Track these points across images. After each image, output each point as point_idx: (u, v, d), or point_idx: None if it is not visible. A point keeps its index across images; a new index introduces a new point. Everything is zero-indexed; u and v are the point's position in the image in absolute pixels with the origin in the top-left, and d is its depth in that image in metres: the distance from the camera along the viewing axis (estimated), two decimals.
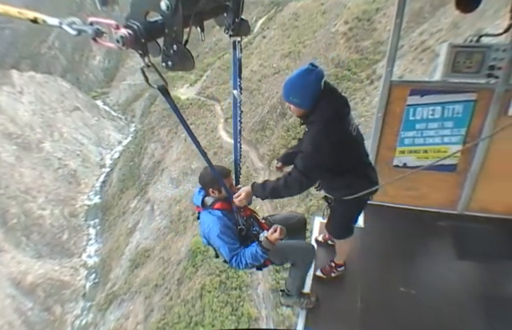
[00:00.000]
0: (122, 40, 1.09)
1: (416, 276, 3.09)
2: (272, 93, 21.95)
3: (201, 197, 2.45)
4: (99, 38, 1.09)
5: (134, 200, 28.35)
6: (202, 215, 2.45)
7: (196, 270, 17.72)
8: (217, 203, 2.39)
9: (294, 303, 2.85)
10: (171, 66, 1.29)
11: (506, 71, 3.01)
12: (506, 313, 2.70)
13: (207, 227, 2.35)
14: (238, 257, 2.29)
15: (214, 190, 2.37)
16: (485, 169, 3.39)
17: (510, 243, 3.36)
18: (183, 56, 1.30)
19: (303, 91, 2.17)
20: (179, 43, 1.26)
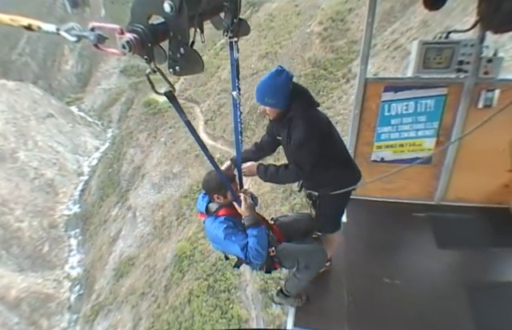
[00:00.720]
0: (129, 45, 1.01)
1: (399, 267, 3.14)
2: (251, 94, 21.65)
3: (205, 203, 2.36)
4: (101, 44, 1.01)
5: (115, 208, 27.28)
6: (207, 223, 2.37)
7: (183, 275, 17.28)
8: (221, 209, 2.31)
9: (288, 302, 2.83)
10: (179, 70, 1.21)
11: (474, 66, 3.09)
12: (486, 298, 2.77)
13: (213, 234, 2.29)
14: (248, 250, 2.19)
15: (219, 195, 2.29)
16: (458, 160, 3.50)
17: (485, 231, 3.46)
18: (191, 59, 1.23)
19: (277, 92, 2.25)
20: (186, 46, 1.19)
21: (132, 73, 40.04)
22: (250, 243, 2.16)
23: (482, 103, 3.25)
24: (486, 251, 3.26)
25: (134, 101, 34.64)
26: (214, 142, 21.95)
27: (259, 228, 2.21)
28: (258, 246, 2.15)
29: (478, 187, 3.61)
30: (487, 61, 3.12)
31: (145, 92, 33.93)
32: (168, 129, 26.67)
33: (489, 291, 2.82)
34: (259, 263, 2.31)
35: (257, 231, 2.19)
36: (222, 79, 24.82)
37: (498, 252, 3.26)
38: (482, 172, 3.35)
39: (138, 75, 38.91)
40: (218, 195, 2.29)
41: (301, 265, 2.46)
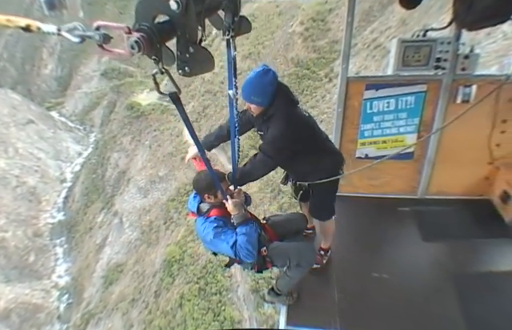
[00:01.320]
0: (138, 45, 0.94)
1: (386, 261, 3.17)
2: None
3: (196, 203, 2.36)
4: (106, 44, 0.95)
5: (101, 214, 26.44)
6: (198, 223, 2.36)
7: (173, 280, 16.89)
8: (212, 209, 2.30)
9: (279, 300, 2.82)
10: (189, 71, 1.14)
11: (451, 63, 3.14)
12: (471, 287, 2.82)
13: (204, 234, 2.29)
14: (237, 248, 2.16)
15: (209, 195, 2.29)
16: (439, 155, 3.54)
17: (468, 222, 3.52)
18: (201, 57, 1.16)
19: (264, 91, 2.28)
20: (195, 44, 1.12)
21: (113, 75, 38.69)
22: (239, 241, 2.14)
23: (460, 99, 3.29)
24: (470, 242, 3.30)
25: (116, 104, 33.51)
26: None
27: (248, 226, 2.19)
28: (248, 244, 2.13)
29: (459, 179, 3.64)
30: (464, 57, 3.17)
31: (127, 95, 32.98)
32: (152, 132, 25.98)
33: (474, 281, 2.87)
34: (250, 262, 2.33)
35: (245, 229, 2.17)
36: (206, 80, 24.30)
37: (481, 243, 3.31)
38: (463, 165, 3.38)
39: (119, 78, 37.68)
40: (208, 194, 2.28)
41: (292, 263, 2.45)
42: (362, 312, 2.73)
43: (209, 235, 2.24)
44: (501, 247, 3.27)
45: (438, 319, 2.64)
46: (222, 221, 2.27)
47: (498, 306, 2.67)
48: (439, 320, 2.64)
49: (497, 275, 2.94)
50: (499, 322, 2.55)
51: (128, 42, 0.94)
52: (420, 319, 2.63)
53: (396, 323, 2.64)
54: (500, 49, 12.10)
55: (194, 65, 1.13)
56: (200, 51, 1.14)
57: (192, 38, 1.11)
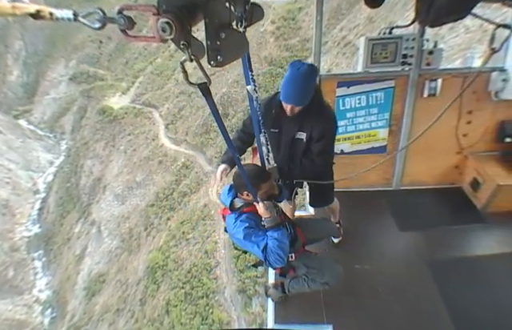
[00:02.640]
0: (170, 27, 0.79)
1: (367, 253, 3.16)
2: None
3: (230, 198, 2.17)
4: (130, 30, 0.81)
5: (78, 224, 24.47)
6: (229, 219, 2.17)
7: (158, 286, 15.91)
8: (246, 206, 2.12)
9: (275, 296, 2.74)
10: (222, 60, 0.96)
11: (417, 58, 3.16)
12: (448, 272, 2.86)
13: (232, 231, 2.12)
14: (267, 252, 2.01)
15: (248, 193, 2.07)
16: (410, 147, 3.54)
17: (442, 210, 3.58)
18: (235, 41, 1.00)
19: (310, 90, 2.20)
20: (227, 28, 0.95)
21: (82, 80, 35.74)
22: (270, 245, 1.99)
23: (427, 92, 3.33)
24: (445, 230, 3.33)
25: (86, 109, 31.09)
26: (177, 147, 20.34)
27: (280, 231, 2.02)
28: (279, 249, 1.98)
29: (430, 170, 3.63)
30: (428, 53, 3.20)
31: (98, 99, 30.64)
32: (126, 136, 24.25)
33: (451, 266, 2.91)
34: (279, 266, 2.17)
35: (277, 234, 2.00)
36: (180, 81, 23.00)
37: (455, 229, 3.34)
38: (433, 156, 3.36)
39: (88, 82, 34.93)
40: (248, 192, 2.06)
41: (320, 279, 2.38)
42: (347, 304, 2.72)
43: (239, 235, 2.05)
44: (474, 233, 3.32)
45: (420, 305, 2.65)
46: (253, 221, 2.08)
47: (475, 288, 2.71)
48: (420, 305, 2.65)
49: (472, 259, 2.98)
50: (477, 302, 2.59)
51: (158, 25, 0.79)
52: (402, 306, 2.64)
53: (380, 311, 2.63)
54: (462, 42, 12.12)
55: (226, 52, 0.96)
56: (232, 35, 0.98)
57: (223, 22, 0.94)
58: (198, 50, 0.94)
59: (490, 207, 3.45)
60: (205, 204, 16.76)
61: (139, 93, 27.03)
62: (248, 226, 2.04)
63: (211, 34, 0.93)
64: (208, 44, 0.95)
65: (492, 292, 2.67)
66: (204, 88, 1.09)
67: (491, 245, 3.18)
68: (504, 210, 3.38)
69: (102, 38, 37.48)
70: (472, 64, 3.68)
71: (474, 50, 11.53)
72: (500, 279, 2.79)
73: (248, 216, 2.08)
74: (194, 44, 0.92)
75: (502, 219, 3.35)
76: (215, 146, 18.37)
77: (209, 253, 14.99)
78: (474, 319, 2.51)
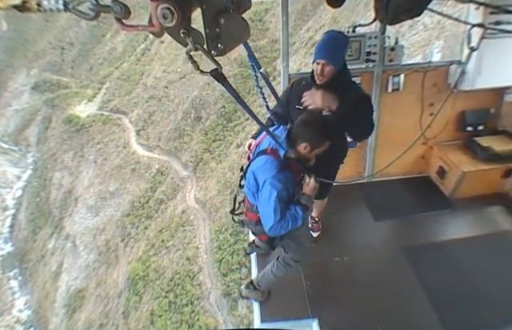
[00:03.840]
0: (171, 13, 0.71)
1: (345, 245, 3.14)
2: (182, 98, 19.17)
3: (284, 143, 1.80)
4: (126, 18, 0.73)
5: (51, 240, 22.34)
6: (267, 161, 1.80)
7: (140, 298, 14.90)
8: (293, 163, 1.84)
9: (255, 295, 2.66)
10: (223, 47, 0.87)
11: (379, 55, 3.20)
12: (423, 256, 2.88)
13: (259, 182, 1.81)
14: (280, 223, 1.79)
15: (309, 146, 1.79)
16: (379, 140, 3.61)
17: (412, 199, 3.63)
18: (235, 26, 0.91)
19: (343, 50, 2.15)
20: (226, 13, 0.86)
21: (45, 88, 32.32)
22: (287, 217, 1.79)
23: (391, 87, 3.35)
24: (417, 217, 3.37)
25: (51, 119, 28.34)
26: (150, 153, 19.02)
27: (305, 215, 1.85)
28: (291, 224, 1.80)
29: (398, 161, 3.53)
30: (390, 50, 3.23)
31: (63, 108, 27.99)
32: (96, 145, 22.32)
33: (424, 250, 2.95)
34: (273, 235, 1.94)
35: (301, 216, 1.82)
36: (149, 86, 21.48)
37: (426, 216, 3.37)
38: (400, 147, 3.37)
39: (52, 90, 31.77)
40: (309, 144, 1.78)
41: (290, 256, 2.30)
42: (330, 296, 2.69)
43: (265, 194, 1.77)
44: (444, 218, 3.36)
45: (399, 289, 2.66)
46: (287, 192, 1.82)
47: (449, 270, 2.76)
48: (399, 290, 2.66)
49: (444, 243, 3.02)
50: (453, 283, 2.63)
51: (159, 11, 0.71)
52: (383, 292, 2.64)
53: (362, 301, 2.60)
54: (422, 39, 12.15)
55: (227, 38, 0.86)
56: (232, 20, 0.87)
57: (220, 7, 0.85)
58: (197, 39, 0.83)
59: (456, 193, 3.50)
60: (183, 210, 15.87)
61: (106, 99, 24.76)
62: (280, 198, 1.76)
63: (209, 20, 0.83)
64: (207, 32, 0.84)
65: (463, 271, 2.75)
66: (217, 74, 0.98)
67: (460, 228, 3.25)
68: (470, 195, 3.45)
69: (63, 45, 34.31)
70: (432, 59, 3.93)
71: (432, 45, 11.66)
72: (469, 259, 2.85)
73: (288, 178, 1.80)
74: (193, 33, 0.81)
75: (468, 203, 3.42)
76: (190, 151, 17.37)
77: (190, 259, 14.21)
78: (448, 298, 2.55)
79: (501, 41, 3.09)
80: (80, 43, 31.74)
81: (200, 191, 15.92)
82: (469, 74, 3.27)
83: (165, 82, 20.57)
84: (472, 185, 3.44)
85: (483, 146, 3.48)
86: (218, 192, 15.16)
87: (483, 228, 3.19)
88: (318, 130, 1.79)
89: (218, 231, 14.06)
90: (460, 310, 2.48)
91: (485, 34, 2.63)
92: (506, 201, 3.44)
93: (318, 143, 1.80)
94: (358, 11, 13.48)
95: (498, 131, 3.70)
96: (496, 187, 3.52)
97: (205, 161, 16.42)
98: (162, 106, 19.99)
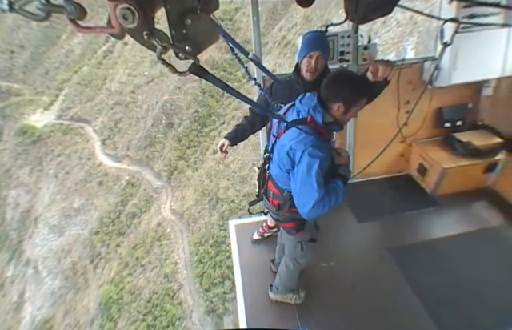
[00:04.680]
0: (132, 13, 0.65)
1: (330, 249, 2.98)
2: (151, 103, 17.62)
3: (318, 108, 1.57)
4: (81, 19, 0.65)
5: (10, 266, 19.49)
6: (301, 131, 1.55)
7: (115, 323, 13.41)
8: (326, 130, 1.61)
9: (287, 298, 2.47)
10: (192, 50, 0.80)
11: (353, 54, 3.10)
12: (409, 255, 2.78)
13: (303, 150, 1.52)
14: (323, 201, 1.56)
15: (340, 106, 1.56)
16: (357, 140, 3.52)
17: (394, 198, 3.53)
18: (203, 28, 0.83)
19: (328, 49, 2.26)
20: (192, 12, 0.79)
21: None
22: (331, 193, 1.59)
23: None
24: (400, 216, 3.27)
25: (3, 131, 24.95)
26: (118, 164, 17.29)
27: (345, 188, 1.65)
28: (334, 199, 1.60)
29: (378, 160, 3.48)
30: (364, 48, 3.12)
31: (15, 118, 24.64)
32: (56, 158, 19.88)
33: (411, 249, 2.86)
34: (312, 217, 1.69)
35: (342, 190, 1.63)
36: (113, 91, 19.53)
37: (410, 215, 3.28)
38: (380, 147, 3.20)
39: (2, 99, 28.00)
40: (344, 104, 1.55)
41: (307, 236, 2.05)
42: (318, 303, 2.55)
43: (305, 164, 1.50)
44: (428, 215, 3.26)
45: (389, 291, 2.57)
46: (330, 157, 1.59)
47: (438, 269, 2.67)
48: (390, 291, 2.56)
49: (432, 242, 2.92)
50: (443, 282, 2.54)
51: (118, 12, 0.64)
52: (374, 295, 2.53)
53: (352, 306, 2.49)
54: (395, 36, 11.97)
55: (195, 40, 0.79)
56: (199, 20, 0.80)
57: (185, 7, 0.78)
58: (163, 41, 0.75)
59: (438, 190, 3.43)
60: (158, 223, 14.57)
61: (66, 107, 21.99)
62: (325, 158, 1.52)
63: (175, 21, 0.77)
64: (173, 34, 0.77)
65: (453, 270, 2.66)
66: (196, 69, 0.85)
67: (446, 226, 3.13)
68: (452, 191, 3.38)
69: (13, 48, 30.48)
70: (405, 56, 3.71)
71: (405, 42, 11.56)
72: (458, 257, 2.77)
73: (327, 147, 1.57)
74: (158, 35, 0.74)
75: (451, 200, 3.34)
76: (163, 159, 15.99)
77: (169, 276, 13.02)
78: (439, 297, 2.47)
79: (476, 34, 3.00)
80: (32, 46, 28.29)
81: (176, 201, 14.73)
82: (444, 70, 3.19)
83: (131, 86, 18.80)
84: (454, 181, 3.36)
85: (463, 142, 3.40)
86: (196, 202, 14.12)
87: (470, 225, 3.08)
88: (352, 86, 1.55)
89: (198, 243, 13.04)
90: (452, 309, 2.40)
91: (458, 28, 2.54)
92: (490, 196, 3.37)
93: (354, 102, 1.56)
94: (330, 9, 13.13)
95: (477, 126, 3.62)
96: (478, 183, 3.45)
97: (180, 169, 15.22)
98: (129, 113, 18.25)
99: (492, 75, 3.30)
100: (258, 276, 2.73)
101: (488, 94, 3.54)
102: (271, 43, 15.25)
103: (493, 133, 3.47)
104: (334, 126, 1.63)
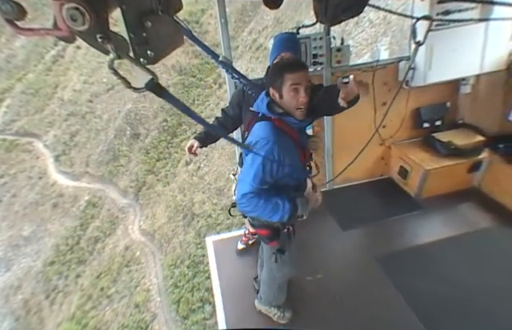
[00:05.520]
0: (82, 15, 0.58)
1: (316, 261, 2.86)
2: (113, 113, 15.84)
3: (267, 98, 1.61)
4: (21, 20, 0.58)
5: None
6: (261, 124, 1.59)
7: None
8: (286, 123, 1.58)
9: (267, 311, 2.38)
10: (154, 55, 0.75)
11: (326, 57, 3.09)
12: (398, 263, 2.70)
13: (253, 141, 1.54)
14: (255, 199, 1.50)
15: (275, 91, 1.57)
16: (335, 146, 3.47)
17: (377, 203, 3.45)
18: (165, 30, 0.77)
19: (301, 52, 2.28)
20: (153, 14, 0.73)
21: None
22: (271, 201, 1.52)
23: None
24: (385, 221, 3.18)
25: None
26: (76, 183, 15.26)
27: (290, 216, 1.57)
28: (267, 213, 1.53)
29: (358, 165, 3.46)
30: (337, 50, 3.11)
31: None
32: None
33: (399, 256, 2.78)
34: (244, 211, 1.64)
35: (284, 214, 1.55)
36: (67, 101, 17.31)
37: (395, 220, 3.18)
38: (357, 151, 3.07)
39: None
40: (274, 87, 1.57)
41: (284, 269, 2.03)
42: (306, 319, 2.42)
43: (251, 157, 1.51)
44: (415, 220, 3.16)
45: (379, 300, 2.47)
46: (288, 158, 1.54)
47: (428, 275, 2.58)
48: (380, 301, 2.46)
49: (420, 248, 2.82)
50: (434, 288, 2.46)
51: (65, 13, 0.57)
52: (363, 305, 2.44)
53: (342, 320, 2.38)
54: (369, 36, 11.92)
55: (157, 44, 0.74)
56: (161, 23, 0.75)
57: (144, 8, 0.72)
58: (119, 45, 0.68)
59: (422, 193, 3.35)
60: (126, 247, 13.02)
61: (9, 120, 18.99)
62: (272, 156, 1.46)
63: (133, 24, 0.71)
64: (131, 38, 0.71)
65: (443, 275, 2.57)
66: (154, 87, 0.79)
67: (433, 230, 3.04)
68: (436, 194, 3.31)
69: None
70: (379, 57, 3.52)
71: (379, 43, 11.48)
72: (448, 261, 2.68)
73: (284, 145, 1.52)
74: (114, 38, 0.68)
75: (436, 203, 3.27)
76: (129, 174, 14.38)
77: (141, 306, 11.62)
78: (431, 304, 2.38)
79: (451, 31, 2.92)
80: None
81: (146, 220, 13.32)
82: (419, 70, 3.15)
83: (87, 95, 16.77)
84: (437, 183, 3.30)
85: (443, 142, 3.33)
86: (169, 219, 12.88)
87: (458, 228, 2.99)
88: (273, 67, 1.66)
89: (173, 265, 11.87)
90: (445, 315, 2.32)
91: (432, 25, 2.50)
92: (476, 196, 3.29)
93: (278, 81, 1.52)
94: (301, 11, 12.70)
95: (457, 125, 3.57)
96: (463, 183, 3.38)
97: (149, 184, 13.80)
98: (87, 125, 16.25)
99: (470, 73, 3.19)
100: (240, 297, 2.58)
101: (466, 91, 3.44)
102: (242, 47, 14.58)
103: (474, 131, 3.38)
104: (289, 117, 1.56)
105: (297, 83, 1.49)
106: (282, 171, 1.54)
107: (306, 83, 1.52)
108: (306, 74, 1.54)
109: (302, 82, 1.50)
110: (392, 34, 10.46)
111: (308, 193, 1.66)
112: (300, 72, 1.52)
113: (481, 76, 3.28)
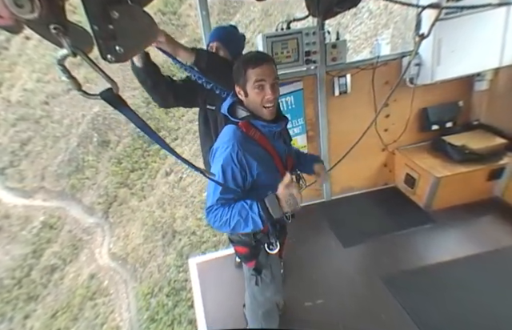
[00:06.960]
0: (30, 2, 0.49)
1: (315, 283, 2.55)
2: (75, 117, 13.47)
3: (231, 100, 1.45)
4: None
5: None
6: (227, 128, 1.42)
7: None
8: (244, 120, 1.38)
9: None
10: (123, 51, 0.63)
11: (320, 54, 2.85)
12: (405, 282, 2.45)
13: (214, 147, 1.40)
14: (220, 211, 1.33)
15: (240, 89, 1.39)
16: (332, 153, 3.27)
17: (381, 215, 3.17)
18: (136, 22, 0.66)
19: (238, 44, 1.99)
20: (118, 3, 0.62)
21: None
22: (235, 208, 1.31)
23: (338, 90, 3.01)
24: (392, 236, 2.87)
25: None
26: (27, 200, 12.62)
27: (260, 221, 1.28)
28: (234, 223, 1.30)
29: (359, 173, 3.32)
30: (332, 47, 2.85)
31: None
32: None
33: (410, 277, 2.49)
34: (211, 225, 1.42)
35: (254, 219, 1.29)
36: (15, 102, 14.47)
37: (403, 235, 2.87)
38: (358, 157, 2.87)
39: None
40: (237, 83, 1.39)
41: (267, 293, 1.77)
42: None
43: (220, 156, 1.34)
44: (426, 235, 2.82)
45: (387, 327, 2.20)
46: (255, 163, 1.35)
47: (442, 300, 2.30)
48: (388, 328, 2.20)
49: (432, 268, 2.52)
50: (449, 315, 2.19)
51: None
52: None
53: None
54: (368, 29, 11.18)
55: (126, 39, 0.61)
56: (130, 13, 0.63)
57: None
58: (81, 39, 0.58)
59: (433, 205, 3.05)
60: (91, 275, 10.84)
61: None
62: (235, 157, 1.30)
63: (96, 13, 0.58)
64: (95, 30, 0.58)
65: (459, 301, 2.25)
66: (111, 97, 0.65)
67: (447, 247, 2.68)
68: (450, 205, 3.01)
69: None
70: (380, 53, 3.05)
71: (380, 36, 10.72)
72: (464, 285, 2.33)
73: (251, 149, 1.34)
74: (74, 31, 0.58)
75: (450, 215, 2.95)
76: (96, 188, 12.13)
77: None
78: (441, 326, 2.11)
79: (463, 19, 2.60)
80: None
81: (117, 242, 11.29)
82: (426, 66, 2.85)
83: (42, 96, 14.14)
84: (450, 193, 3.00)
85: (456, 146, 3.03)
86: (145, 239, 11.04)
87: (476, 245, 2.63)
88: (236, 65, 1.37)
89: (149, 294, 10.15)
90: None
91: (441, 14, 2.28)
92: (497, 208, 2.96)
93: (242, 77, 1.34)
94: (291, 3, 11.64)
95: (472, 126, 3.27)
96: (482, 193, 3.06)
97: (121, 199, 11.74)
98: (42, 131, 13.64)
99: (487, 67, 2.88)
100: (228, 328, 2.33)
101: (482, 88, 3.13)
102: None
103: (493, 133, 3.08)
104: (257, 120, 1.37)
105: (261, 79, 1.32)
106: (251, 177, 1.36)
107: (273, 79, 1.34)
108: (272, 67, 1.35)
109: (266, 78, 1.32)
110: (394, 25, 9.81)
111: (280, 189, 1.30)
112: (263, 66, 1.32)
113: (500, 70, 2.96)
